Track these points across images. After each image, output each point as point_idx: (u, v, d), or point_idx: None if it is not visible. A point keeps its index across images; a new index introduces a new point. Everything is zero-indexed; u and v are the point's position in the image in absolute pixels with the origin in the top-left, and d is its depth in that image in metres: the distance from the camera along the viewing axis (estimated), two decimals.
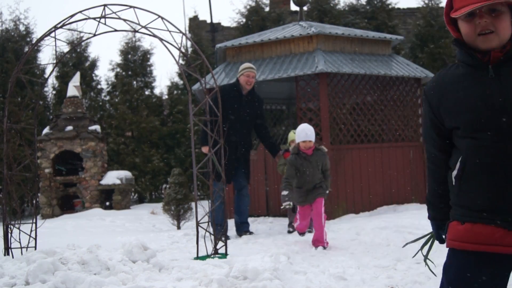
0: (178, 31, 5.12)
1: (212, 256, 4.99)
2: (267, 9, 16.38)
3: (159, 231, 7.98)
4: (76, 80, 12.50)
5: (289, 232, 6.96)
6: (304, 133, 5.68)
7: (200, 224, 5.06)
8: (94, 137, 11.91)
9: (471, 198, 1.87)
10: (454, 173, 1.93)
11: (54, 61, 5.80)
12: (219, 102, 5.48)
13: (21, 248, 5.29)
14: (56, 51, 5.91)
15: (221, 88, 6.89)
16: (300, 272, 4.12)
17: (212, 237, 5.14)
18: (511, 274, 1.90)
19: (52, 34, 5.31)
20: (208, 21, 17.77)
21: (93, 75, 16.20)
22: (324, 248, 5.36)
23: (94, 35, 5.31)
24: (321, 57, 8.51)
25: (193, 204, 7.49)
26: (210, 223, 5.21)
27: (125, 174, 12.19)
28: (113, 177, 11.86)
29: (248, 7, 16.13)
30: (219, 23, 17.87)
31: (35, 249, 5.26)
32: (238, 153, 6.73)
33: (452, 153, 1.99)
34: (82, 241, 5.83)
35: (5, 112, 5.46)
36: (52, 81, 15.88)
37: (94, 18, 5.10)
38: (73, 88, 12.29)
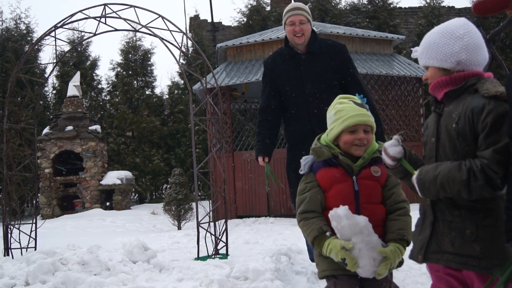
0: (178, 30, 5.10)
1: (213, 256, 4.97)
2: (268, 8, 16.36)
3: (159, 231, 7.96)
4: (76, 79, 12.49)
5: None
6: None
7: (201, 225, 5.04)
8: (94, 137, 11.89)
9: None
10: None
11: (54, 61, 5.78)
12: (219, 102, 5.46)
13: (21, 248, 5.27)
14: (56, 51, 5.88)
15: (266, 62, 4.25)
16: (301, 273, 4.08)
17: (213, 237, 5.11)
18: None
19: (53, 34, 5.28)
20: (209, 20, 17.75)
21: (94, 74, 16.20)
22: None
23: (95, 34, 5.29)
24: None
25: (193, 204, 7.46)
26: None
27: (126, 174, 12.17)
28: (113, 177, 11.85)
29: (249, 6, 16.13)
30: (220, 23, 17.85)
31: (35, 249, 5.23)
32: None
33: None
34: (82, 242, 5.82)
35: (5, 112, 5.44)
36: (52, 80, 15.91)
37: (95, 18, 5.08)
38: (73, 88, 12.28)
